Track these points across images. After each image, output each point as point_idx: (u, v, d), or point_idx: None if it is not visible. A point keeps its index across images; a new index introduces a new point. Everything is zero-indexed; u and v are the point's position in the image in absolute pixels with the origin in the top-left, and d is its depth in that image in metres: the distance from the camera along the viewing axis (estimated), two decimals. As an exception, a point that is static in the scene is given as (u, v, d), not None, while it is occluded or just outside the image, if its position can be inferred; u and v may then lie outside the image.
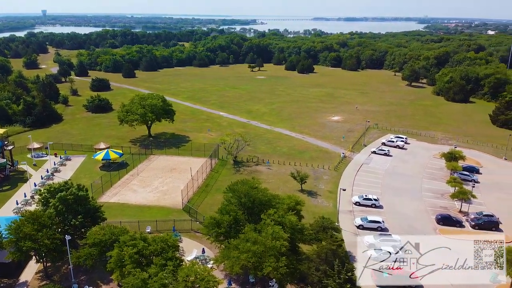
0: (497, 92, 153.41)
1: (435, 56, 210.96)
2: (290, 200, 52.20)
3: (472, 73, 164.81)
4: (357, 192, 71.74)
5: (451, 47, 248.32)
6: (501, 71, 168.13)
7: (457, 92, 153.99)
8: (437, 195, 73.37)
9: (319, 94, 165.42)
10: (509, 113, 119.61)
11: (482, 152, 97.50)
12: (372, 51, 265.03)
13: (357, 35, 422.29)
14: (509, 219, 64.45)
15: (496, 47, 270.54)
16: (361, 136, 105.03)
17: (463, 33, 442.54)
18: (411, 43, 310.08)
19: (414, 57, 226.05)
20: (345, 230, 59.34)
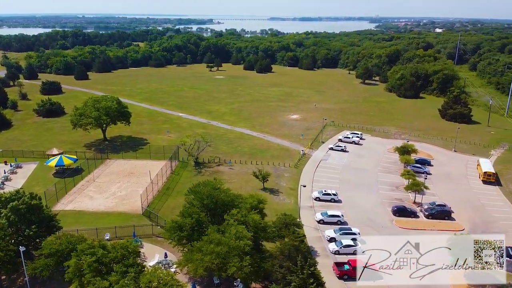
0: (445, 88, 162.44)
1: (386, 54, 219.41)
2: (252, 199, 52.50)
3: (422, 70, 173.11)
4: (317, 188, 73.33)
5: (402, 45, 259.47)
6: (448, 67, 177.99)
7: (408, 88, 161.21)
8: (392, 187, 76.51)
9: (278, 93, 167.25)
10: (457, 107, 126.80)
11: (433, 145, 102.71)
12: (327, 50, 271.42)
13: (312, 34, 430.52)
14: (460, 207, 68.43)
15: (443, 44, 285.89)
16: (319, 134, 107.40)
17: (412, 32, 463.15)
18: (363, 42, 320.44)
19: (367, 55, 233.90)
20: (306, 225, 60.55)
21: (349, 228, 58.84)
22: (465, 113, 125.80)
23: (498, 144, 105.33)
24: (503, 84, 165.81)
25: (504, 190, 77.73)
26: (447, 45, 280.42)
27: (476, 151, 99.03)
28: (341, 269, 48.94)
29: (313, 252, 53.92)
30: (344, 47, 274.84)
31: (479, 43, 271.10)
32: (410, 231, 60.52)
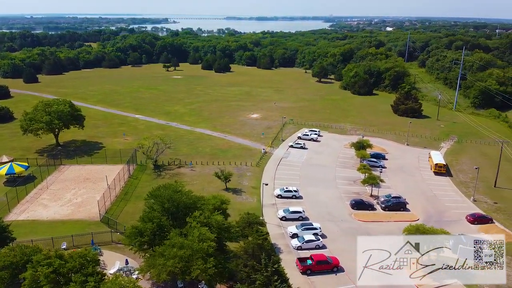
0: (396, 84, 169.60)
1: (340, 53, 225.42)
2: (215, 200, 52.33)
3: (374, 67, 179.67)
4: (278, 185, 74.25)
5: (355, 44, 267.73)
6: (399, 65, 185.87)
7: (362, 85, 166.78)
8: (350, 182, 78.97)
9: (238, 92, 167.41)
10: (408, 102, 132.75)
11: (386, 139, 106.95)
12: (284, 50, 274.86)
13: (269, 34, 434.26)
14: (414, 199, 71.80)
15: (394, 42, 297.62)
16: (279, 132, 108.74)
17: (364, 30, 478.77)
18: (318, 41, 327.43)
19: (322, 54, 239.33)
20: (269, 223, 61.22)
21: (311, 223, 60.12)
22: (416, 108, 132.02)
23: (447, 136, 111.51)
24: (450, 80, 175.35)
25: (455, 180, 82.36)
26: (398, 43, 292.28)
27: (427, 144, 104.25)
28: (304, 264, 49.95)
29: (277, 249, 54.63)
30: (300, 47, 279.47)
31: (428, 40, 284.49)
32: (368, 224, 62.83)
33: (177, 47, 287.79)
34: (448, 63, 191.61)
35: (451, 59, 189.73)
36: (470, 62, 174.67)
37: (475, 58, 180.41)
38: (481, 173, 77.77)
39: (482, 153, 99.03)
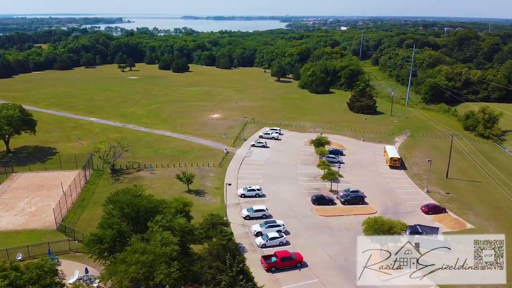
0: (352, 82, 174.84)
1: (298, 52, 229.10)
2: (177, 203, 51.57)
3: (330, 66, 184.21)
4: (241, 185, 74.40)
5: (311, 43, 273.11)
6: (354, 63, 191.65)
7: (319, 84, 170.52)
8: (310, 178, 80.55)
9: (197, 92, 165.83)
10: (363, 100, 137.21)
11: (344, 136, 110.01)
12: (243, 49, 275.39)
13: (227, 34, 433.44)
14: (371, 192, 74.30)
15: (348, 41, 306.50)
16: (240, 131, 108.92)
17: (320, 30, 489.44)
18: (276, 41, 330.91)
19: (280, 54, 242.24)
20: (233, 223, 61.23)
21: (274, 220, 60.73)
22: (371, 104, 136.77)
23: (401, 131, 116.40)
24: (402, 77, 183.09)
25: (409, 173, 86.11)
26: (352, 42, 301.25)
27: (382, 139, 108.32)
28: (268, 262, 50.41)
29: (241, 248, 54.77)
30: (258, 46, 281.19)
31: (380, 39, 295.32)
32: (329, 218, 64.39)
33: (133, 47, 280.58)
34: (399, 61, 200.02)
35: (403, 57, 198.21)
36: (420, 59, 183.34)
37: (425, 55, 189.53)
38: (433, 165, 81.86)
39: (433, 146, 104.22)
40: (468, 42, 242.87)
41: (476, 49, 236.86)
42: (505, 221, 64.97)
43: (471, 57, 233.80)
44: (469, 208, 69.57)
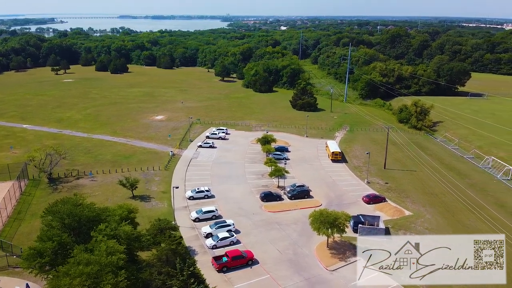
0: (293, 81, 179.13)
1: (240, 52, 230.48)
2: (122, 210, 49.85)
3: (272, 65, 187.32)
4: (190, 187, 73.46)
5: (253, 43, 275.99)
6: (295, 62, 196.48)
7: (263, 83, 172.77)
8: (258, 176, 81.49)
9: (138, 94, 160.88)
10: (305, 97, 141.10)
11: (288, 133, 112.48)
12: (184, 49, 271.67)
13: (167, 33, 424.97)
14: (316, 186, 76.71)
15: (288, 41, 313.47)
16: (186, 133, 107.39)
17: (261, 30, 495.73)
18: (218, 40, 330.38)
19: (223, 53, 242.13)
20: (182, 226, 60.33)
21: (224, 221, 60.71)
22: (312, 102, 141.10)
23: (340, 126, 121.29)
24: (340, 74, 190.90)
25: (350, 165, 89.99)
26: (292, 41, 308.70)
27: (324, 134, 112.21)
28: (219, 262, 50.32)
29: (192, 251, 54.15)
30: (200, 46, 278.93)
31: (318, 38, 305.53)
32: (277, 214, 65.60)
33: (67, 49, 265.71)
34: (337, 59, 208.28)
35: (340, 55, 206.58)
36: (356, 57, 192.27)
37: (360, 53, 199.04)
38: (372, 157, 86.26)
39: (371, 139, 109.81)
40: (399, 39, 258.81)
41: (407, 46, 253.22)
42: (440, 207, 70.15)
43: (403, 53, 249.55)
44: (407, 196, 74.24)
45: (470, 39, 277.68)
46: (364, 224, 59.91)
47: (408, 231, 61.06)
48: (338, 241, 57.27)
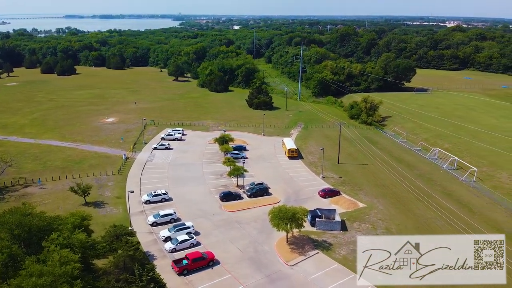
0: (248, 80, 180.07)
1: (193, 51, 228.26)
2: (74, 218, 47.96)
3: (227, 65, 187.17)
4: (146, 191, 71.80)
5: (206, 42, 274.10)
6: (249, 62, 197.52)
7: (218, 83, 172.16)
8: (217, 176, 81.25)
9: (88, 96, 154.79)
10: (260, 96, 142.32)
11: (246, 132, 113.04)
12: (135, 48, 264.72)
13: (116, 32, 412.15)
14: (274, 183, 77.69)
15: (242, 40, 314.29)
16: (140, 135, 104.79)
17: (214, 29, 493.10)
18: (170, 39, 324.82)
19: (176, 53, 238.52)
20: (140, 231, 58.93)
21: (183, 223, 59.96)
22: (267, 101, 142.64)
23: (295, 124, 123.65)
24: (293, 73, 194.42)
25: (306, 162, 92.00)
26: (245, 41, 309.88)
27: (280, 132, 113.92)
28: (179, 266, 49.72)
29: (151, 256, 53.07)
30: (152, 45, 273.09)
31: (271, 38, 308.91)
32: (237, 213, 65.83)
33: (9, 51, 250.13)
34: (290, 58, 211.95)
35: (292, 54, 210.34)
36: (308, 56, 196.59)
37: (312, 52, 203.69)
38: (326, 153, 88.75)
39: (325, 135, 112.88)
40: (348, 38, 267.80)
41: (356, 45, 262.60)
42: (391, 197, 73.55)
43: (352, 52, 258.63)
44: (360, 189, 77.14)
45: (415, 37, 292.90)
46: (321, 218, 61.64)
47: (362, 222, 63.53)
48: (297, 236, 58.47)
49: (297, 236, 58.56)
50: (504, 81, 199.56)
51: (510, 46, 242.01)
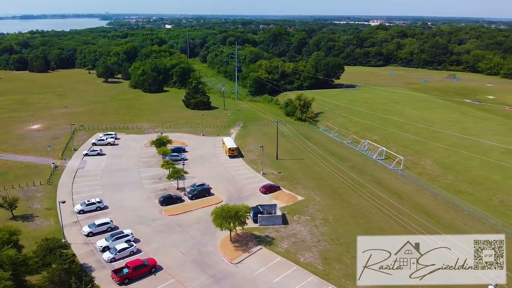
0: (184, 80, 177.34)
1: (124, 51, 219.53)
2: (2, 234, 44.44)
3: (161, 64, 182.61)
4: (79, 200, 68.08)
5: (137, 42, 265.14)
6: (183, 61, 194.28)
7: (152, 83, 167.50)
8: (155, 180, 79.19)
9: (9, 102, 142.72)
10: (197, 96, 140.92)
11: (184, 133, 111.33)
12: (60, 50, 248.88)
13: (39, 34, 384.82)
14: (216, 183, 77.53)
15: (175, 39, 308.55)
16: (69, 141, 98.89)
17: (145, 28, 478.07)
18: (98, 39, 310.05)
19: (105, 53, 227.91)
20: (75, 243, 55.84)
21: (121, 231, 57.75)
22: (205, 100, 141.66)
23: (234, 123, 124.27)
24: (229, 72, 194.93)
25: (246, 160, 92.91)
26: (179, 40, 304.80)
27: (219, 132, 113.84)
28: (120, 275, 47.90)
29: (88, 268, 50.49)
30: (78, 46, 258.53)
31: (205, 37, 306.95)
32: (179, 216, 64.81)
33: None
34: (225, 58, 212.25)
35: (227, 54, 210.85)
36: (243, 55, 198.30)
37: (246, 52, 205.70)
38: (265, 150, 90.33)
39: (263, 133, 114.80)
40: (280, 37, 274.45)
41: (288, 44, 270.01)
42: (327, 189, 76.85)
43: (285, 51, 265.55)
44: (298, 183, 79.66)
45: (342, 36, 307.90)
46: (263, 214, 62.79)
47: (302, 214, 65.75)
48: (241, 234, 59.01)
49: (241, 233, 59.08)
50: (424, 75, 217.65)
51: (428, 43, 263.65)
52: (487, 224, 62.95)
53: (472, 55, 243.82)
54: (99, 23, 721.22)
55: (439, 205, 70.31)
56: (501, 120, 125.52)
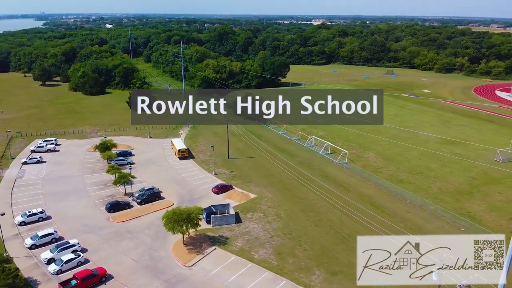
0: (128, 81, 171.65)
1: (62, 52, 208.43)
2: None
3: (102, 65, 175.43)
4: (19, 211, 63.89)
5: (76, 42, 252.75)
6: (127, 61, 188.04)
7: (93, 85, 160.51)
8: (101, 186, 76.14)
9: None
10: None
11: (129, 136, 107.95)
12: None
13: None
14: (166, 186, 75.97)
15: (116, 39, 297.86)
16: (5, 149, 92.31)
17: (84, 28, 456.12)
18: (34, 41, 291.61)
19: (41, 55, 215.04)
20: (17, 257, 52.43)
21: (66, 242, 54.99)
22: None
23: (183, 124, 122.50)
24: (176, 72, 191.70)
25: (197, 160, 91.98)
26: (120, 39, 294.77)
27: (168, 133, 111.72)
28: (67, 287, 45.71)
29: (33, 282, 47.62)
30: (12, 48, 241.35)
31: (148, 36, 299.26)
32: (128, 222, 62.88)
33: None
34: (170, 57, 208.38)
35: (173, 53, 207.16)
36: (189, 54, 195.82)
37: (192, 51, 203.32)
38: (216, 150, 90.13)
39: (214, 133, 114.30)
40: (226, 37, 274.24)
41: (234, 43, 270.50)
42: (278, 185, 78.19)
43: (231, 50, 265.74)
44: (250, 181, 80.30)
45: (286, 35, 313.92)
46: (216, 214, 62.66)
47: (254, 212, 66.43)
48: (194, 236, 58.45)
49: (194, 236, 58.53)
50: (365, 72, 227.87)
51: (368, 41, 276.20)
52: (427, 211, 67.32)
53: (408, 51, 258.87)
54: (35, 23, 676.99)
55: (382, 195, 74.12)
56: (436, 112, 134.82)
